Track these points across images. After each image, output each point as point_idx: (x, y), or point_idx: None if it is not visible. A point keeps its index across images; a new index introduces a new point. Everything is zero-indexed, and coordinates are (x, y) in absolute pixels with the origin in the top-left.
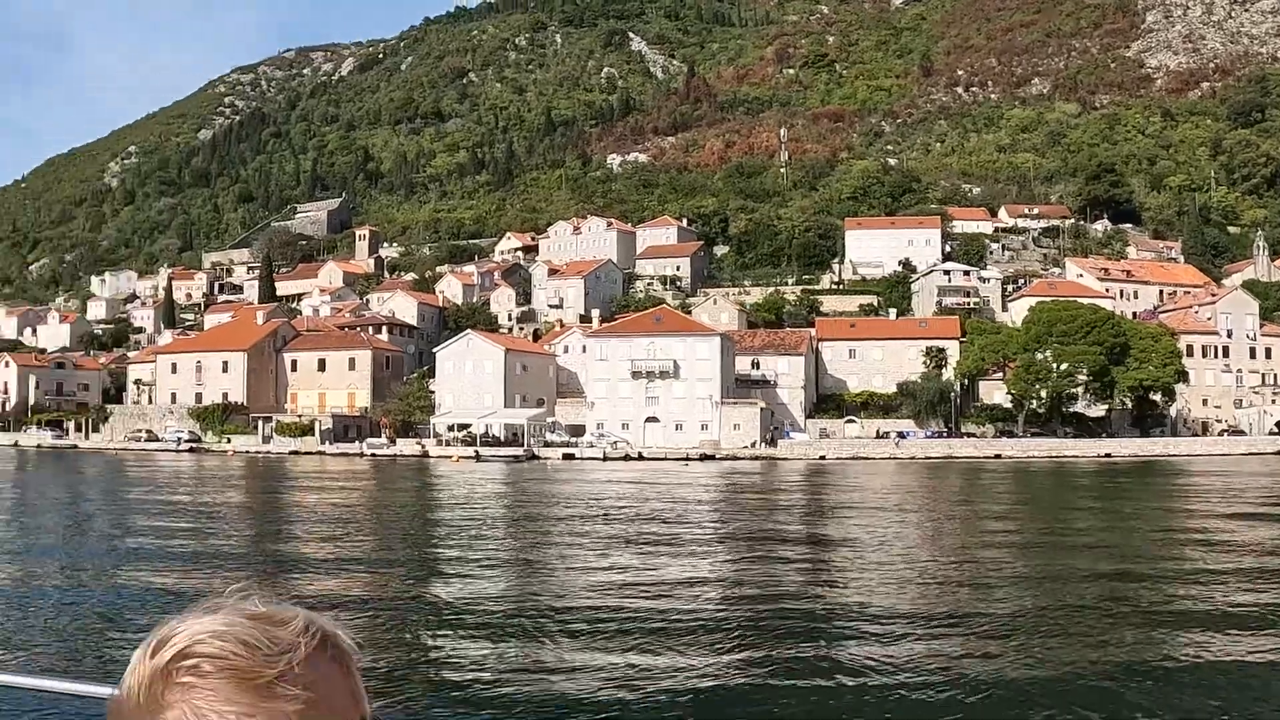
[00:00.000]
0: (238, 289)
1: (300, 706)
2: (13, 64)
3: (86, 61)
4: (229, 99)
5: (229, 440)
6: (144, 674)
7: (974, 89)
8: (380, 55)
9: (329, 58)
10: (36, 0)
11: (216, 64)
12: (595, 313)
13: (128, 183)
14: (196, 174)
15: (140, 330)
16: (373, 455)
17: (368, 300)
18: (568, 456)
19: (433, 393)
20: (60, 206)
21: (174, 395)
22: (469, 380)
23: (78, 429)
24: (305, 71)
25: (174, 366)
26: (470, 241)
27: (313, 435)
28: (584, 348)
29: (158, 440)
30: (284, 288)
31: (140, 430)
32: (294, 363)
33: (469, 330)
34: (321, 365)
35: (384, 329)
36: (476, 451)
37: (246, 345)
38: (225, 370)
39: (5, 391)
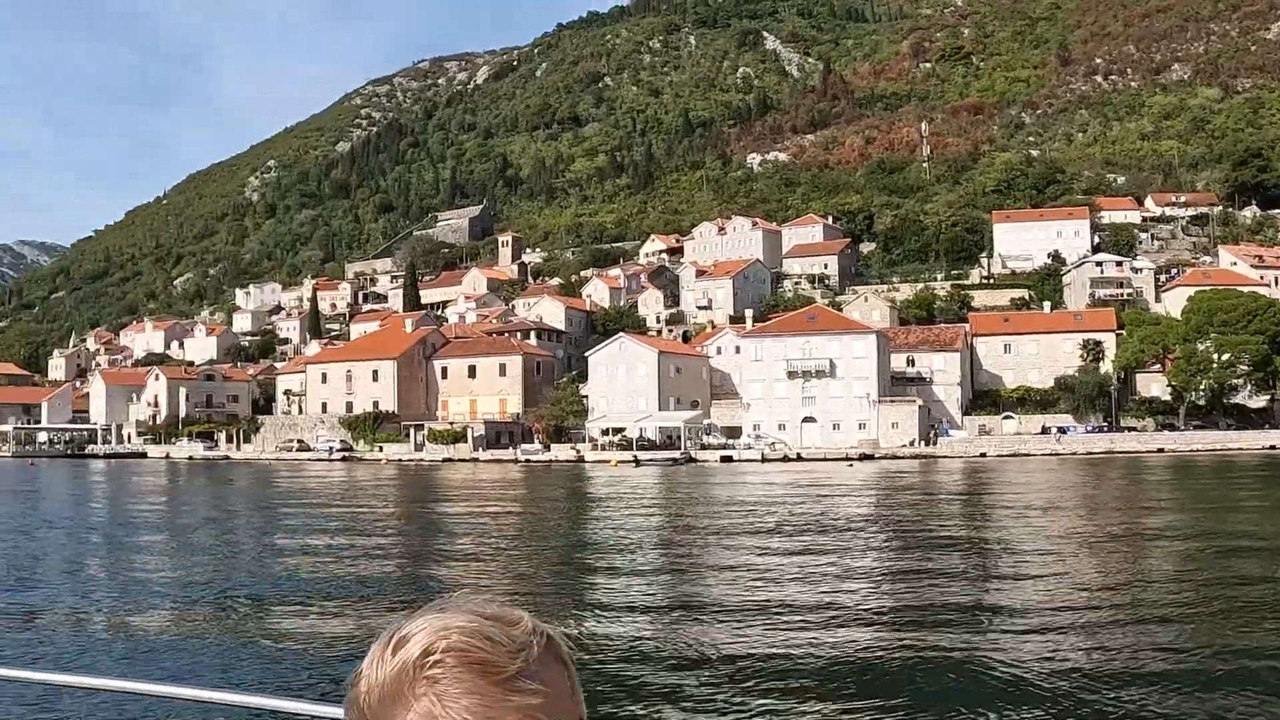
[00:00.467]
0: (382, 298)
1: (540, 700)
2: (153, 85)
3: (223, 80)
4: (365, 111)
5: (381, 449)
6: (391, 667)
7: (1113, 77)
8: (515, 62)
9: (463, 67)
10: (175, 23)
11: (351, 78)
12: (748, 313)
13: (268, 196)
14: (336, 186)
15: (286, 341)
16: (527, 461)
17: (513, 306)
18: (725, 459)
19: (585, 397)
20: (202, 222)
21: (324, 405)
22: (622, 384)
23: (229, 440)
24: (440, 81)
25: (324, 376)
26: (613, 245)
27: (465, 442)
28: (737, 348)
29: (309, 450)
30: (428, 295)
31: (292, 440)
32: (444, 370)
33: (621, 333)
34: (472, 372)
35: (532, 334)
36: (635, 456)
37: (396, 353)
38: (375, 379)
39: (155, 404)
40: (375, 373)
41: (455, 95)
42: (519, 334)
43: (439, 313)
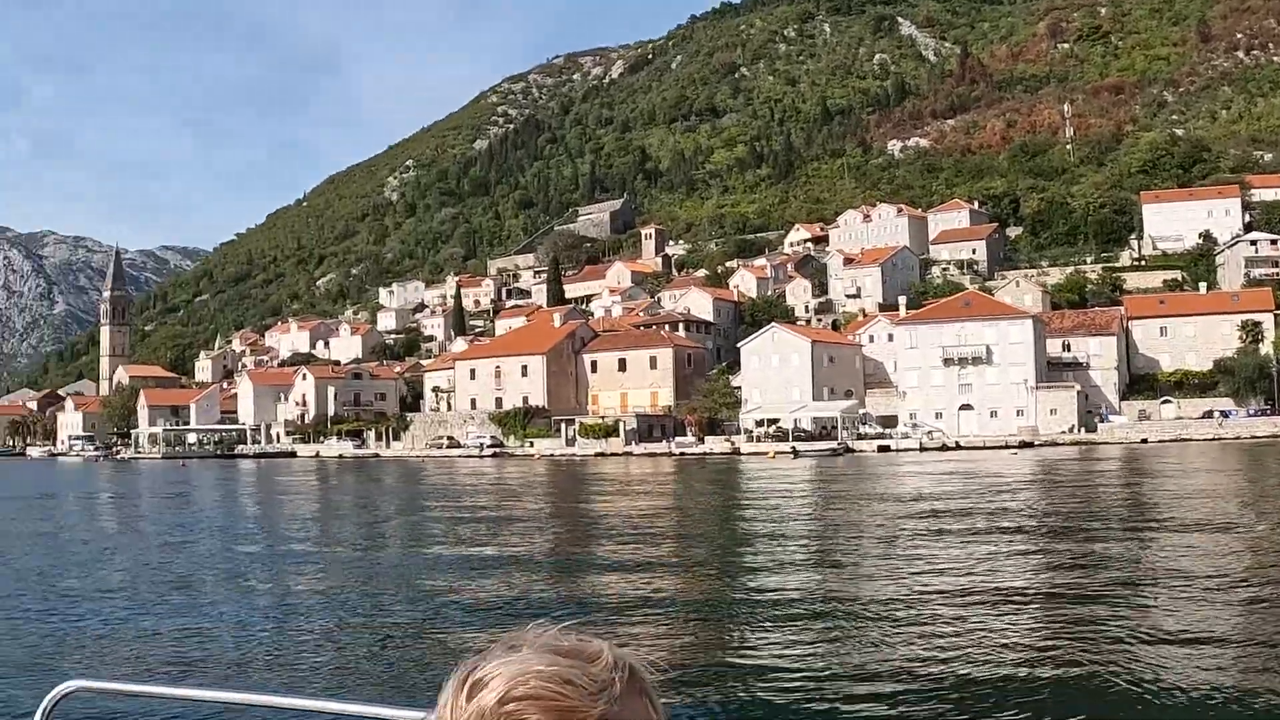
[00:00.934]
0: (525, 293)
1: None
2: (289, 89)
3: (358, 82)
4: (501, 108)
5: (532, 444)
6: (466, 716)
7: (1255, 52)
8: (649, 55)
9: (598, 61)
10: (305, 29)
11: (486, 75)
12: (901, 300)
13: (408, 195)
14: (475, 183)
15: (431, 338)
16: (681, 454)
17: (659, 299)
18: (883, 449)
19: (737, 388)
20: (343, 222)
21: (473, 401)
22: (775, 374)
23: (378, 438)
24: (575, 77)
25: (473, 372)
26: (757, 235)
27: (617, 436)
28: (890, 336)
29: (459, 446)
30: (572, 290)
31: (441, 437)
32: (594, 363)
33: (773, 323)
34: (622, 365)
35: (681, 326)
36: (793, 447)
37: (545, 348)
38: (525, 374)
39: (303, 404)
40: (524, 368)
41: (591, 90)
42: (667, 326)
43: (584, 307)
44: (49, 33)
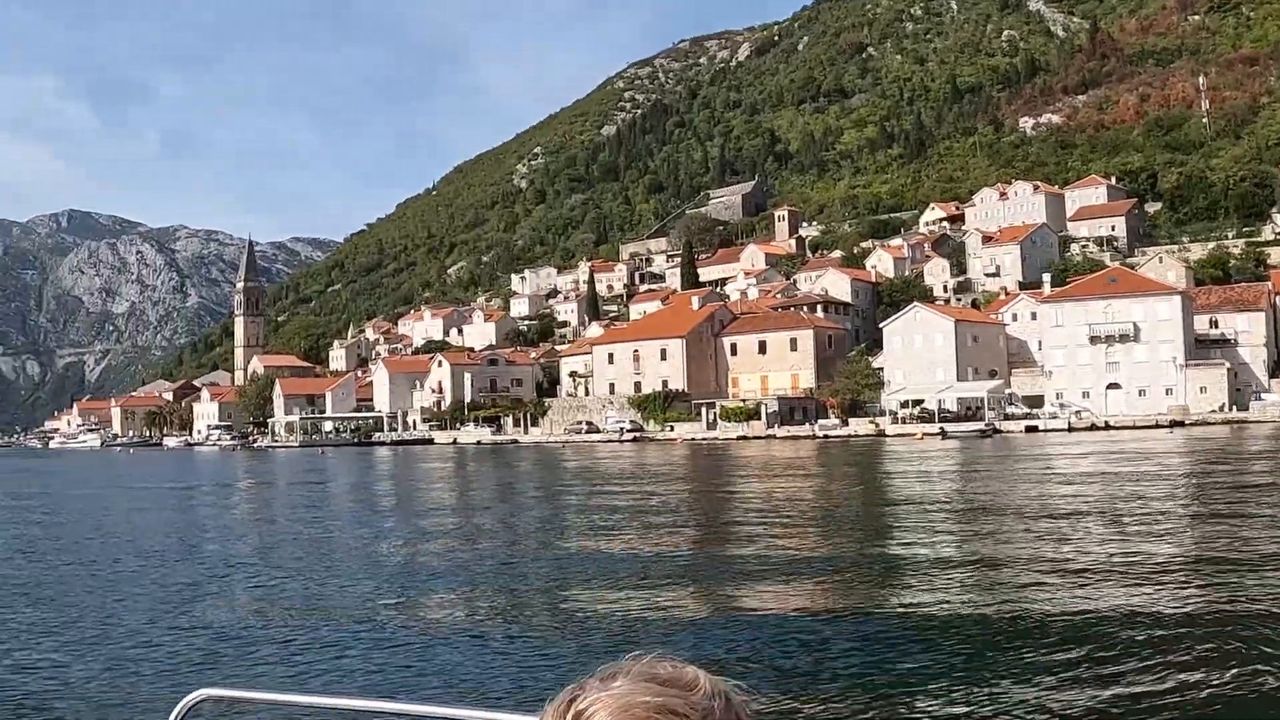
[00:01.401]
0: (658, 278)
1: None
2: (414, 80)
3: (482, 71)
4: (628, 94)
5: (671, 428)
6: None
7: None
8: (776, 37)
9: (723, 44)
10: (427, 19)
11: (611, 61)
12: (1046, 277)
13: (537, 182)
14: (604, 169)
15: (565, 324)
16: (825, 436)
17: (795, 280)
18: (1030, 429)
19: (879, 369)
20: (472, 210)
21: (612, 385)
22: (919, 354)
23: (515, 424)
24: (701, 60)
25: (610, 356)
26: (891, 215)
27: (758, 419)
28: (1033, 315)
29: (598, 431)
30: (706, 273)
31: (580, 422)
32: (733, 346)
33: (915, 303)
34: (762, 347)
35: (819, 308)
36: (941, 428)
37: (684, 331)
38: (664, 358)
39: (439, 391)
40: (663, 351)
41: (718, 73)
42: (805, 308)
43: (719, 290)
44: (176, 31)
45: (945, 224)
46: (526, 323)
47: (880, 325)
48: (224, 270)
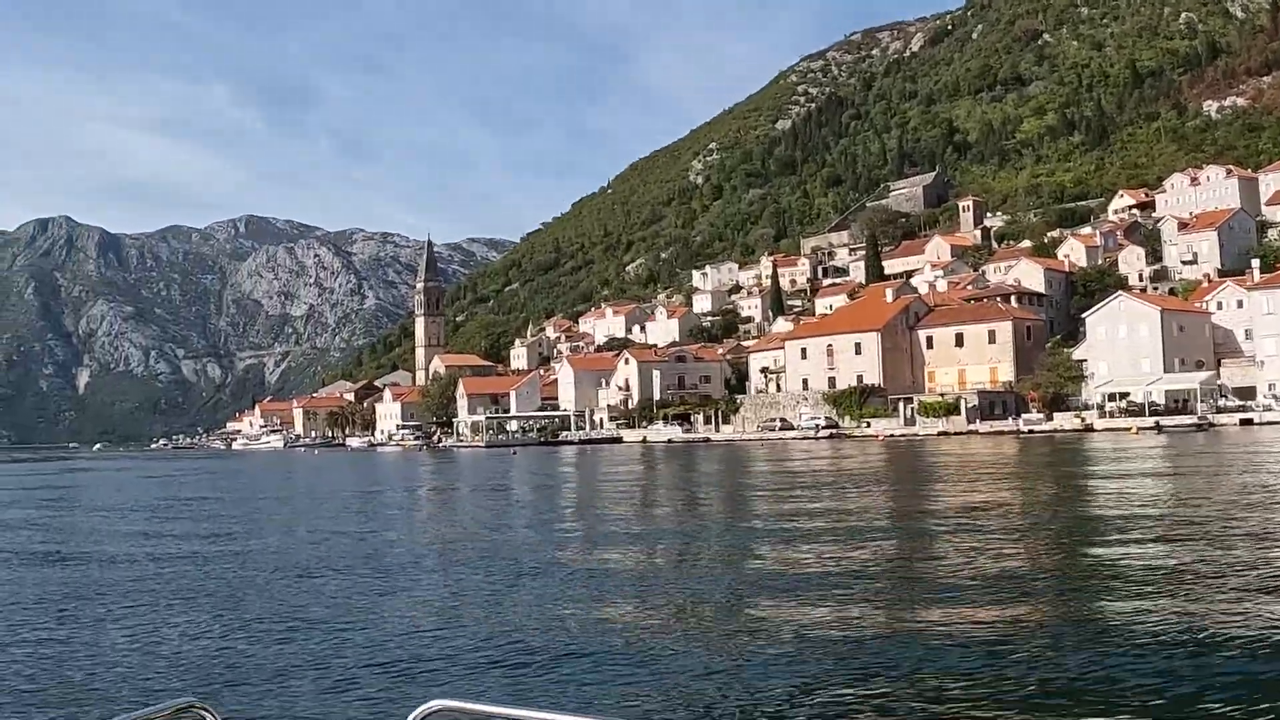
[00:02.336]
0: (841, 271)
1: None
2: (584, 79)
3: (653, 67)
4: (801, 87)
5: (868, 424)
6: None
7: None
8: (949, 26)
9: (896, 36)
10: (597, 18)
11: (781, 56)
12: (1255, 263)
13: (713, 178)
14: (781, 163)
15: (748, 319)
16: (1030, 432)
17: (983, 272)
18: (1245, 422)
19: (1082, 361)
20: (649, 207)
21: (805, 381)
22: (1122, 345)
23: (706, 421)
24: (874, 52)
25: (803, 351)
26: (1077, 204)
27: (958, 414)
28: (1239, 302)
29: (792, 428)
30: (890, 266)
31: (773, 419)
32: (929, 339)
33: (1119, 292)
34: (959, 340)
35: (1012, 298)
36: (1157, 422)
37: (879, 324)
38: (858, 352)
39: (626, 388)
40: (858, 345)
41: (892, 64)
42: (998, 299)
43: (905, 282)
44: (345, 36)
45: (1135, 211)
46: (710, 319)
47: (1079, 315)
48: (400, 272)
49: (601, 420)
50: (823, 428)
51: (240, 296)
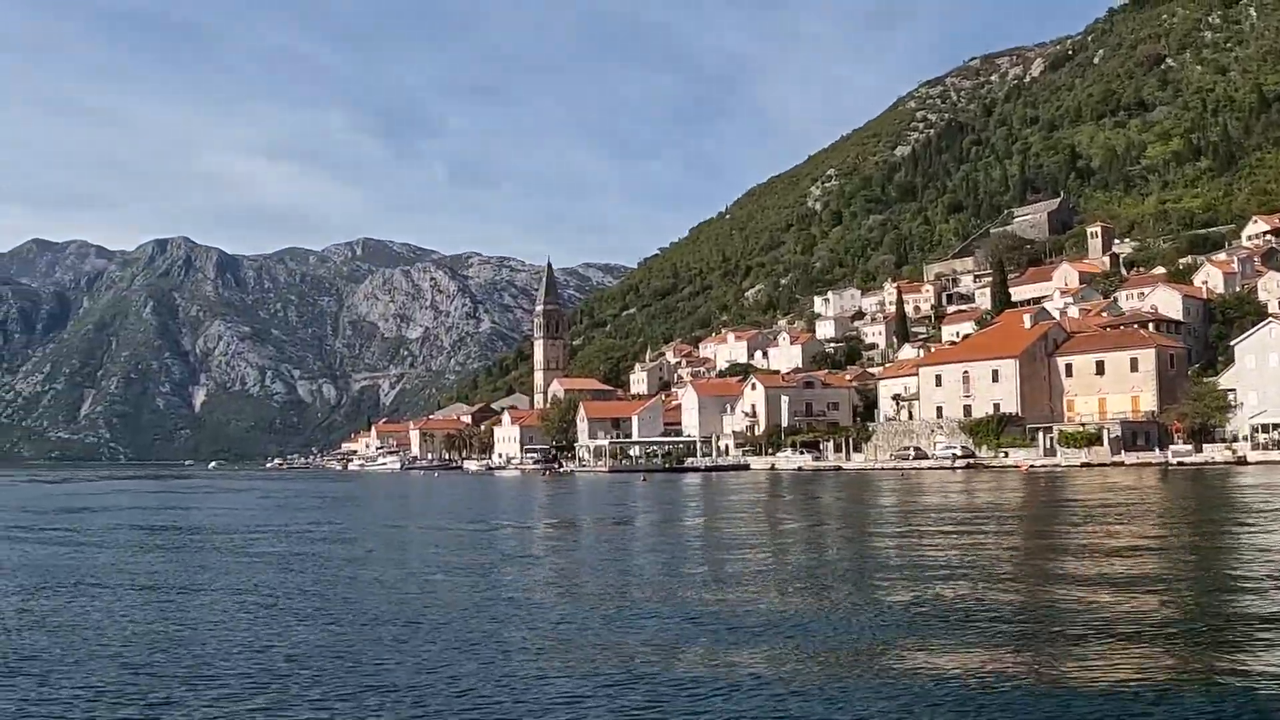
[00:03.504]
0: (965, 298)
1: None
2: (701, 104)
3: (769, 94)
4: (920, 113)
5: (1006, 454)
6: None
7: None
8: (1069, 52)
9: (1015, 61)
10: (717, 43)
11: (899, 82)
12: None
13: (832, 204)
14: (901, 189)
15: (872, 346)
16: (1179, 464)
17: (1114, 298)
18: None
19: (1229, 390)
20: (767, 233)
21: (939, 409)
22: (1272, 374)
23: (836, 449)
24: (993, 78)
25: (938, 379)
26: (1209, 230)
27: (1099, 444)
28: None
29: (926, 457)
30: (1018, 293)
31: (907, 448)
32: (1068, 366)
33: (1271, 319)
34: (1099, 368)
35: (1150, 326)
36: None
37: (1017, 351)
38: (995, 379)
39: (753, 414)
40: (995, 372)
41: (1013, 90)
42: (1136, 325)
43: (1041, 308)
44: (465, 64)
45: (1270, 237)
46: (833, 345)
47: (1217, 344)
48: (516, 296)
49: (727, 446)
50: (959, 457)
51: (356, 318)
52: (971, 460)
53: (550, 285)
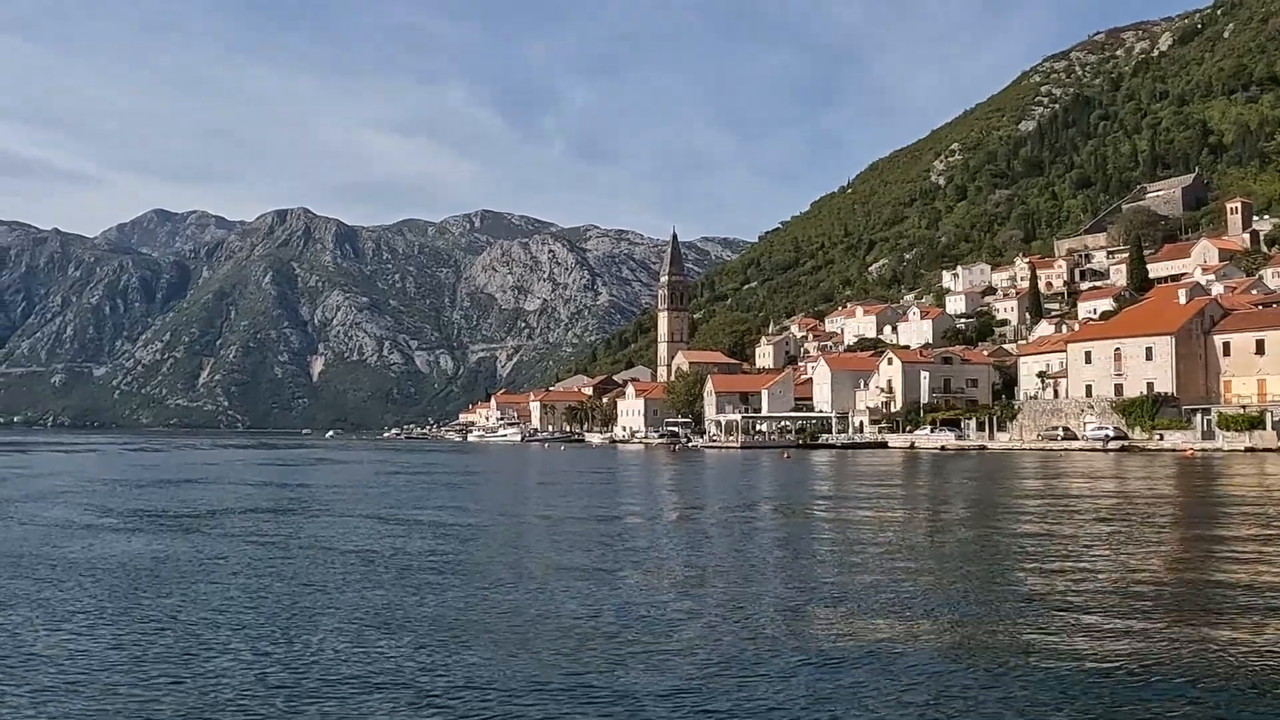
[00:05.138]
0: (1099, 274)
1: None
2: (822, 80)
3: (889, 70)
4: (1045, 88)
5: (1161, 436)
6: None
7: None
8: (1198, 25)
9: (1141, 35)
10: (837, 19)
11: (1023, 56)
12: None
13: (956, 179)
14: (1027, 164)
15: (1004, 322)
16: None
17: (1260, 276)
18: None
19: None
20: (889, 208)
21: (1089, 387)
22: None
23: (979, 428)
24: (1119, 52)
25: (1087, 355)
26: None
27: (1263, 428)
28: None
29: (1075, 438)
30: (1155, 270)
31: (1056, 427)
32: (1226, 345)
33: None
34: (1259, 347)
35: None
36: None
37: (1173, 328)
38: (1149, 357)
39: (889, 390)
40: (1149, 350)
41: (1140, 64)
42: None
43: (1196, 284)
44: (587, 41)
45: None
46: (964, 320)
47: None
48: (634, 269)
49: (861, 423)
50: (1111, 439)
51: (474, 290)
52: (1125, 442)
53: (675, 256)
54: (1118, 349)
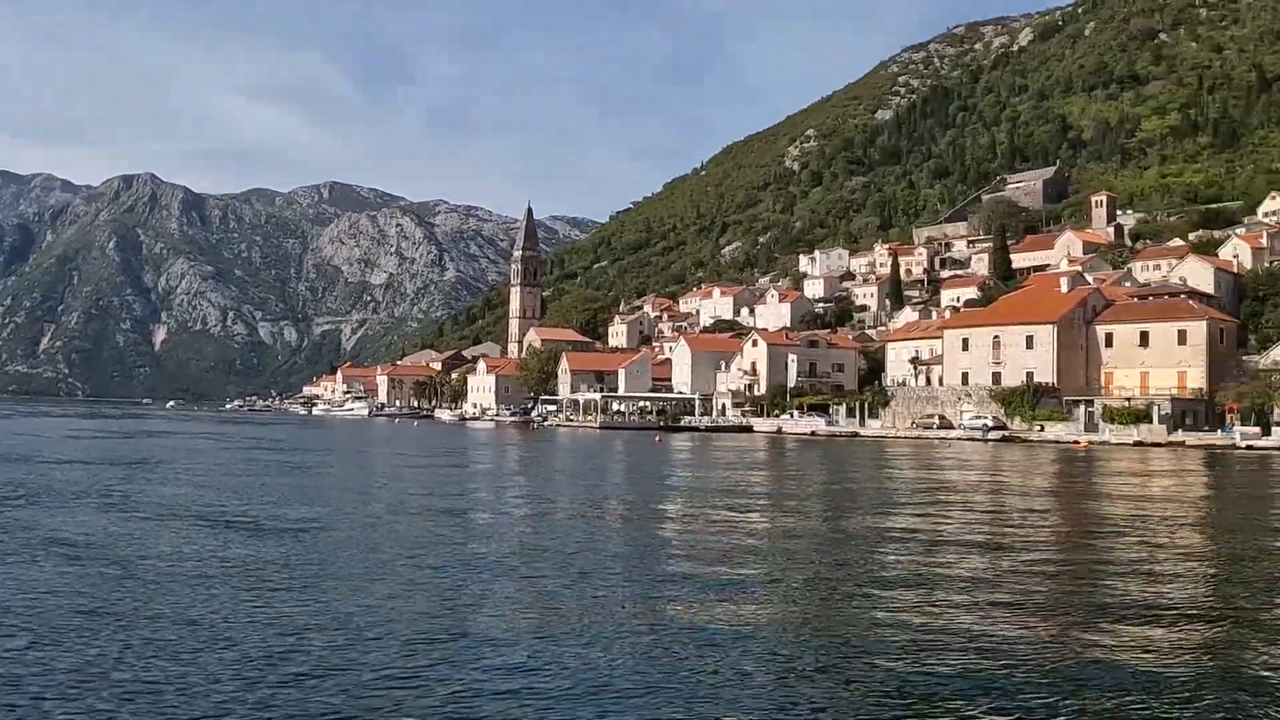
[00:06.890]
0: (960, 263)
1: None
2: (680, 62)
3: (747, 56)
4: (902, 78)
5: (1041, 428)
6: None
7: None
8: (1059, 22)
9: (1000, 30)
10: (699, 4)
11: (881, 47)
12: None
13: (812, 165)
14: (885, 153)
15: (863, 308)
16: (1248, 447)
17: (1129, 269)
18: None
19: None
20: (744, 191)
21: (964, 375)
22: None
23: (849, 414)
24: (978, 46)
25: (964, 342)
26: (1221, 205)
27: (1148, 421)
28: None
29: (952, 427)
30: (1018, 260)
31: (931, 416)
32: (1108, 336)
33: None
34: (1143, 339)
35: (1182, 299)
36: None
37: (1054, 317)
38: (1029, 346)
39: (752, 372)
40: (1029, 339)
41: (1000, 58)
42: (1182, 296)
43: (1078, 273)
44: (449, 12)
45: None
46: (823, 305)
47: (1257, 320)
48: (482, 246)
49: (724, 406)
50: (991, 428)
51: (320, 262)
52: (1005, 432)
53: (530, 231)
54: (996, 336)
